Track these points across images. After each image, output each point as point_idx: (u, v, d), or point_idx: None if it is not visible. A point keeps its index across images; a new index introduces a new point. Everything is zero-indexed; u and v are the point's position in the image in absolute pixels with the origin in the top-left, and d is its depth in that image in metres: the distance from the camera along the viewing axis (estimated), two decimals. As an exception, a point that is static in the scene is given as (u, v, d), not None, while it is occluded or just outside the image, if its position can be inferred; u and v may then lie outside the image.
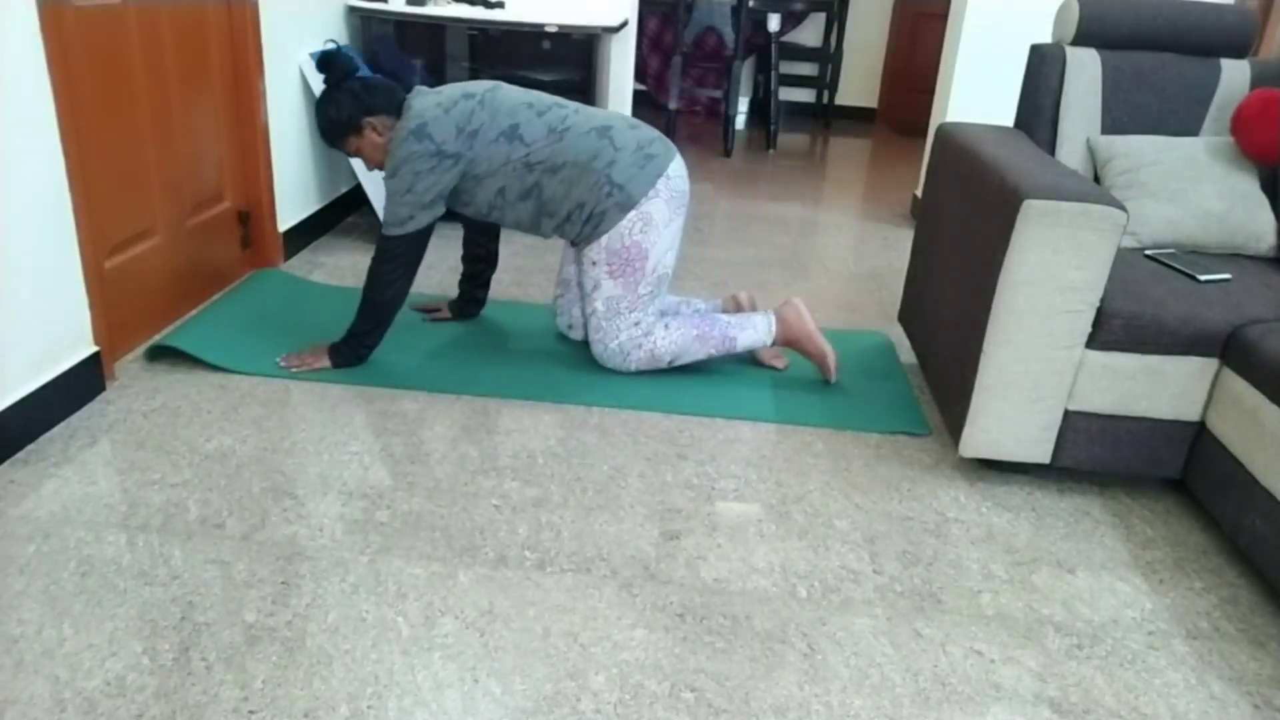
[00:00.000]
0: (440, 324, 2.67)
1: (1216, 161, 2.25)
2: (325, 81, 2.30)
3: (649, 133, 2.31)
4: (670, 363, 2.39)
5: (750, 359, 2.57)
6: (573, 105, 2.32)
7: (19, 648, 1.44)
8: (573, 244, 2.38)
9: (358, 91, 2.27)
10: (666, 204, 2.27)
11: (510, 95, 2.29)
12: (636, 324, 2.34)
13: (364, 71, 2.60)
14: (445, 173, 2.21)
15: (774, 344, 2.44)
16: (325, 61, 2.28)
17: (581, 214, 2.26)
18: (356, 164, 3.25)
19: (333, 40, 2.44)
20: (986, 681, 1.51)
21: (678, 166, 2.31)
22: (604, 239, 2.26)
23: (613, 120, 2.29)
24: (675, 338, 2.36)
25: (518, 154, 2.22)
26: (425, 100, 2.22)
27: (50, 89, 1.96)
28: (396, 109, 2.28)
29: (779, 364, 2.54)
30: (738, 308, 2.57)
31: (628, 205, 2.23)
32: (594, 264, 2.30)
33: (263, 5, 2.80)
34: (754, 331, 2.40)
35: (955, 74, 3.79)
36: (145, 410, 2.13)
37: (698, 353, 2.38)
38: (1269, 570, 1.70)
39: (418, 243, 2.26)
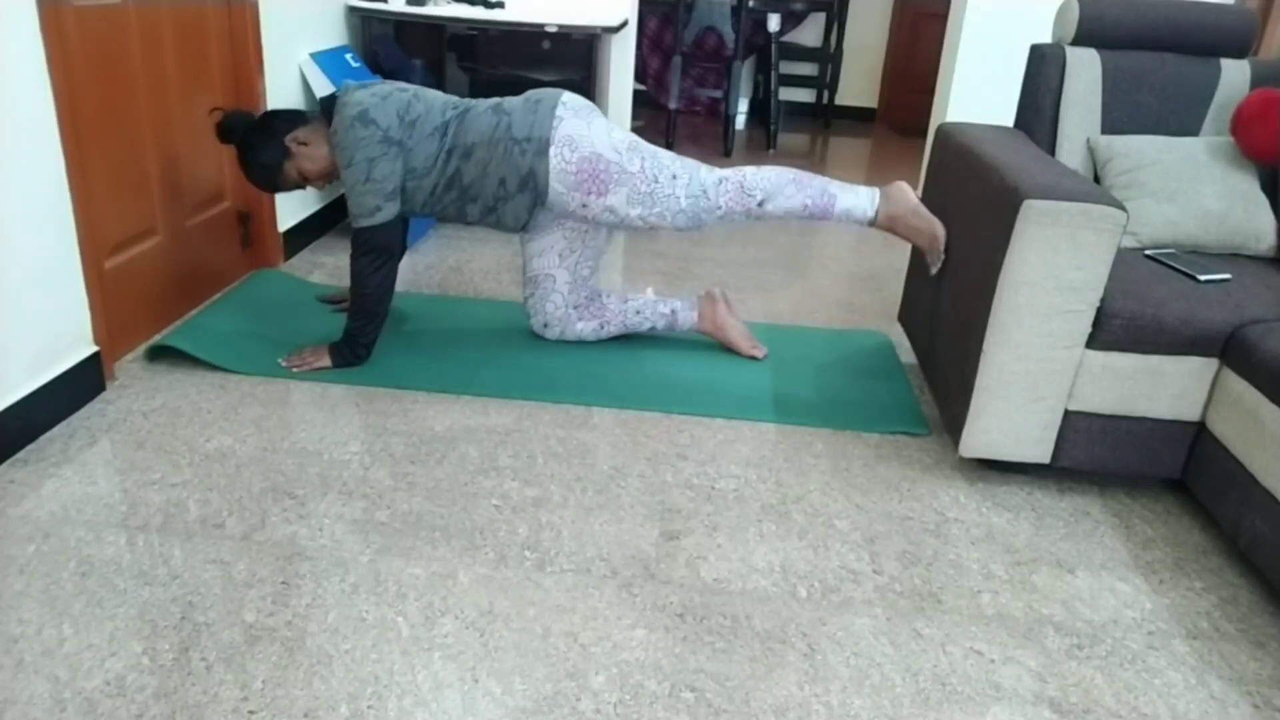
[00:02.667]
0: (440, 324, 2.67)
1: (1216, 161, 2.25)
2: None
3: (538, 91, 2.33)
4: (762, 203, 2.27)
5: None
6: (485, 100, 2.35)
7: (19, 648, 1.44)
8: (522, 229, 2.39)
9: (264, 127, 2.32)
10: (575, 117, 2.26)
11: (437, 96, 2.33)
12: (676, 177, 2.26)
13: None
14: (394, 160, 2.23)
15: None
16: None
17: (508, 188, 2.26)
18: None
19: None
20: (986, 681, 1.51)
21: (569, 97, 2.31)
22: (555, 194, 2.26)
23: (506, 98, 2.33)
24: (767, 173, 2.28)
25: (443, 148, 2.26)
26: (359, 92, 2.25)
27: (50, 89, 1.96)
28: (306, 118, 2.34)
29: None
30: (713, 305, 2.56)
31: (544, 146, 2.23)
32: (584, 206, 2.28)
33: (263, 5, 2.80)
34: (854, 196, 2.28)
35: (955, 74, 3.79)
36: (145, 410, 2.13)
37: (792, 196, 2.25)
38: (1269, 570, 1.70)
39: (391, 232, 2.28)
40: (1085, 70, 2.36)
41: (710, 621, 1.59)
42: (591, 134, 2.25)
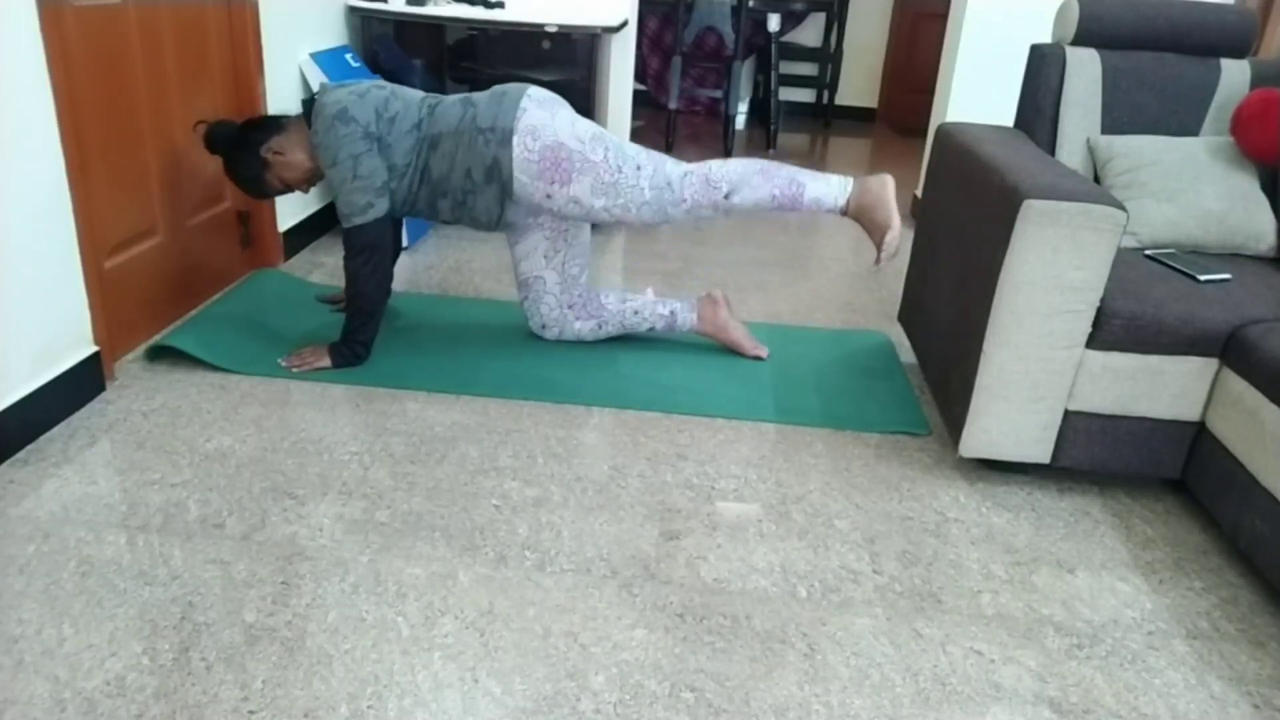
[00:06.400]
0: (440, 324, 2.67)
1: (1216, 161, 2.24)
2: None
3: (504, 85, 2.34)
4: (728, 195, 2.23)
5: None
6: (455, 95, 2.37)
7: (19, 648, 1.44)
8: (497, 226, 2.38)
9: (243, 140, 2.35)
10: (539, 108, 2.26)
11: (414, 94, 2.35)
12: (640, 168, 2.25)
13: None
14: (376, 156, 2.23)
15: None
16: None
17: (475, 180, 2.26)
18: None
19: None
20: (986, 681, 1.51)
21: (535, 90, 2.31)
22: (520, 185, 2.25)
23: (475, 92, 2.34)
24: (734, 165, 2.25)
25: (417, 142, 2.28)
26: (336, 92, 2.26)
27: (50, 89, 1.96)
28: (282, 125, 2.37)
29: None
30: (713, 307, 2.56)
31: (507, 136, 2.23)
32: (549, 197, 2.27)
33: (263, 5, 2.80)
34: (825, 184, 2.26)
35: (955, 74, 3.79)
36: (145, 410, 2.13)
37: (759, 187, 2.22)
38: (1269, 570, 1.70)
39: (381, 229, 2.28)
40: (1085, 70, 2.36)
41: (710, 621, 1.59)
42: (555, 124, 2.25)
